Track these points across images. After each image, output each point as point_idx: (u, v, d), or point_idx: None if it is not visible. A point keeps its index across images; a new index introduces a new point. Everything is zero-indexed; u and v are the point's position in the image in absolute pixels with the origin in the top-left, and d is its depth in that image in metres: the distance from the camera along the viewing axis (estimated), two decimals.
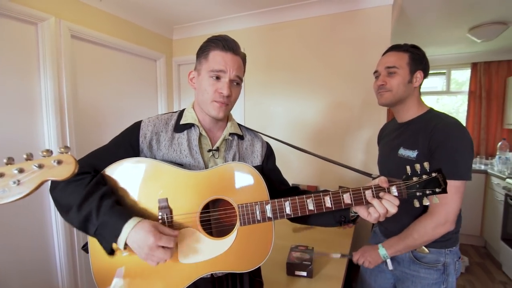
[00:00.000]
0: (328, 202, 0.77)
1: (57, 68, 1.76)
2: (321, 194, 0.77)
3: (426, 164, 0.71)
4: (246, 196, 0.81)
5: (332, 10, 2.06)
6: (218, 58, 0.80)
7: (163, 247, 0.68)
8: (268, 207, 0.79)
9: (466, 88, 3.55)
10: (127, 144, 0.84)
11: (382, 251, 1.07)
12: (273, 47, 2.32)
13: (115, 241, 0.69)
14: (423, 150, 1.00)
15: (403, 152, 1.07)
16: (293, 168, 2.30)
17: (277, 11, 2.20)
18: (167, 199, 0.79)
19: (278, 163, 1.04)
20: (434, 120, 1.02)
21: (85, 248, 0.82)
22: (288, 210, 0.79)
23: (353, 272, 1.70)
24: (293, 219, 0.92)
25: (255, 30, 2.34)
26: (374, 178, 0.78)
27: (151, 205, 0.79)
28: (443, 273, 1.05)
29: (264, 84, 2.38)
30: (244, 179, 0.82)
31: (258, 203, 0.80)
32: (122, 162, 0.79)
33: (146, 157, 0.85)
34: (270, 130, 2.30)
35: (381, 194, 0.72)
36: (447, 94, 3.68)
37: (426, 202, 0.71)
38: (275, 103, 2.36)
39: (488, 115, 3.35)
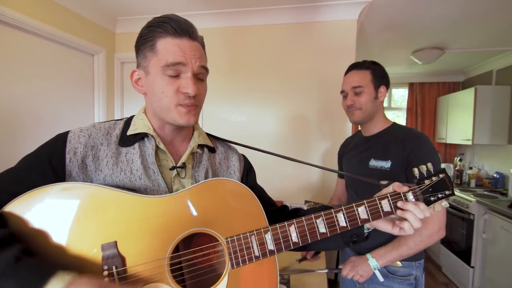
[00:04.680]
0: (342, 220, 0.61)
1: None
2: (332, 211, 0.61)
3: (430, 165, 0.65)
4: (235, 225, 0.60)
5: (300, 19, 2.00)
6: (171, 48, 0.58)
7: None
8: (268, 237, 0.60)
9: (404, 104, 3.94)
10: (45, 164, 0.55)
11: (373, 262, 1.01)
12: (236, 51, 2.14)
13: None
14: (398, 160, 1.03)
15: (375, 163, 1.10)
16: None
17: (242, 13, 2.04)
18: (116, 243, 0.52)
19: None
20: (402, 132, 1.08)
21: None
22: (294, 237, 0.60)
23: None
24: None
25: (217, 31, 2.14)
26: (384, 186, 0.66)
27: (91, 256, 0.50)
28: (415, 286, 1.07)
29: (226, 90, 2.17)
30: (230, 202, 0.61)
31: (255, 232, 0.60)
32: (37, 191, 0.51)
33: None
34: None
35: (399, 203, 0.61)
36: (389, 110, 4.03)
37: (438, 207, 0.63)
38: (237, 112, 2.17)
39: (423, 129, 3.74)
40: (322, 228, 0.60)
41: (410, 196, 0.61)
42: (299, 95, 2.06)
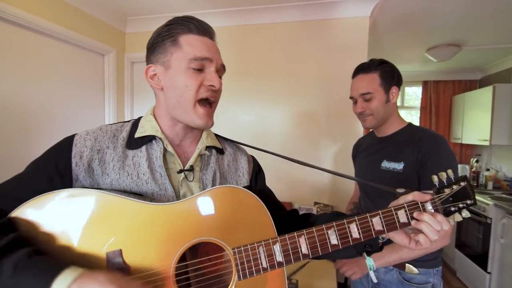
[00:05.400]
0: (355, 231, 0.57)
1: None
2: (345, 221, 0.58)
3: (450, 172, 0.59)
4: (243, 235, 0.58)
5: (309, 16, 1.96)
6: (195, 42, 0.60)
7: None
8: (277, 248, 0.57)
9: (417, 103, 3.83)
10: (52, 169, 0.55)
11: (370, 261, 0.96)
12: (245, 50, 2.11)
13: None
14: (411, 162, 0.99)
15: (387, 164, 1.06)
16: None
17: (250, 11, 2.02)
18: (121, 251, 0.50)
19: None
20: (418, 133, 1.03)
21: None
22: (304, 248, 0.57)
23: None
24: None
25: (226, 30, 2.12)
26: (401, 194, 0.61)
27: (95, 263, 0.49)
28: None
29: (234, 89, 2.15)
30: (238, 210, 0.59)
31: (263, 243, 0.57)
32: (44, 197, 0.50)
33: (84, 187, 0.56)
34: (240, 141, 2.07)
35: (415, 214, 0.57)
36: (402, 109, 3.92)
37: (458, 218, 0.58)
38: (246, 111, 2.15)
39: (437, 129, 3.63)
40: (333, 240, 0.57)
41: (429, 206, 0.57)
42: (309, 95, 2.02)
